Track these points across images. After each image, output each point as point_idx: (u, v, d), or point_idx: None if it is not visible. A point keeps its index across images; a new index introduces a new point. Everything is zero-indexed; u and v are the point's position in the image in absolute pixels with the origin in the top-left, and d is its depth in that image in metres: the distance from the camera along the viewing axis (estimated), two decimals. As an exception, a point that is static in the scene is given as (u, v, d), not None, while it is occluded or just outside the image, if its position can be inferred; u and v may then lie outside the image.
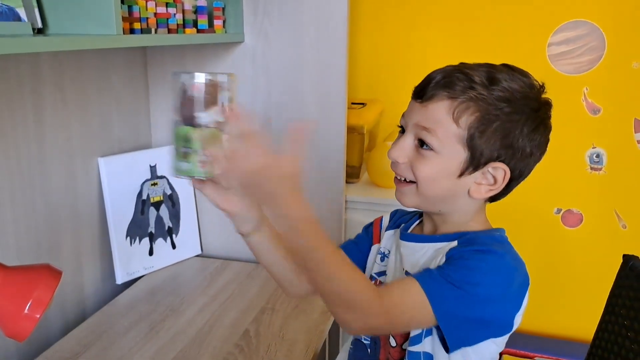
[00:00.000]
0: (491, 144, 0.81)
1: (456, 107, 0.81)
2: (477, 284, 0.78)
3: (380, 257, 0.99)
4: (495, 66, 0.85)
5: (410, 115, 0.85)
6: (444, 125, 0.81)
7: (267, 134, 0.72)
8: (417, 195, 0.86)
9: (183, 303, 1.49)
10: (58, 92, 1.34)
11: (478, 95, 0.80)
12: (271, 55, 1.58)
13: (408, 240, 0.93)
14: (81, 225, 1.46)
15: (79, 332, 1.35)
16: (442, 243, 0.86)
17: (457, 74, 0.82)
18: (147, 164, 1.61)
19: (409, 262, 0.90)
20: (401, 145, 0.85)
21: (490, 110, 0.80)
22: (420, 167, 0.83)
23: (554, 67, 1.98)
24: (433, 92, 0.82)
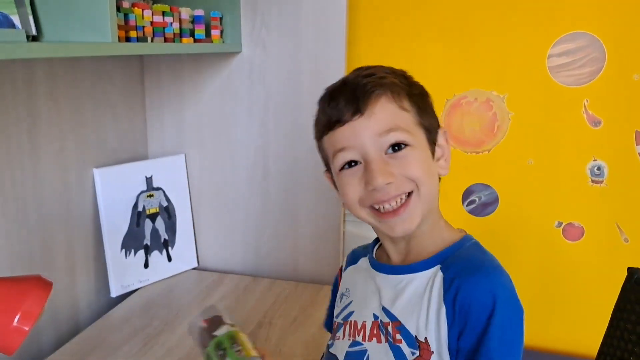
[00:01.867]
0: (430, 114, 0.82)
1: (393, 98, 0.79)
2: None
3: (341, 299, 0.92)
4: (355, 70, 0.85)
5: (358, 136, 0.77)
6: (398, 116, 0.78)
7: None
8: (420, 202, 0.78)
9: (178, 317, 1.46)
10: (52, 102, 1.32)
11: (391, 81, 0.80)
12: (269, 66, 1.57)
13: (382, 271, 0.85)
14: (75, 237, 1.44)
15: (72, 346, 1.32)
16: (424, 272, 0.79)
17: (361, 79, 0.80)
18: (142, 175, 1.59)
19: (388, 296, 0.81)
20: (379, 167, 0.76)
21: (406, 86, 0.81)
22: (413, 168, 0.77)
23: (554, 78, 1.97)
24: (363, 101, 0.77)
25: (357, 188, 0.79)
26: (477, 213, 2.11)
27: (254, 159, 1.64)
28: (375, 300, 0.83)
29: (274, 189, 1.65)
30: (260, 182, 1.66)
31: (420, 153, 0.79)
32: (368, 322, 0.82)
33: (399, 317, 0.78)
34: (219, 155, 1.67)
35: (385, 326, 0.79)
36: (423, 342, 0.75)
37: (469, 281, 0.74)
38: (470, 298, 0.72)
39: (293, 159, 1.61)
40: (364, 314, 0.83)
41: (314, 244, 1.65)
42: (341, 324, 0.87)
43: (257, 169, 1.65)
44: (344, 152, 0.79)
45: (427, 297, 0.76)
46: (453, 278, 0.75)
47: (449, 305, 0.73)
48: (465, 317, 0.72)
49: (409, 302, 0.78)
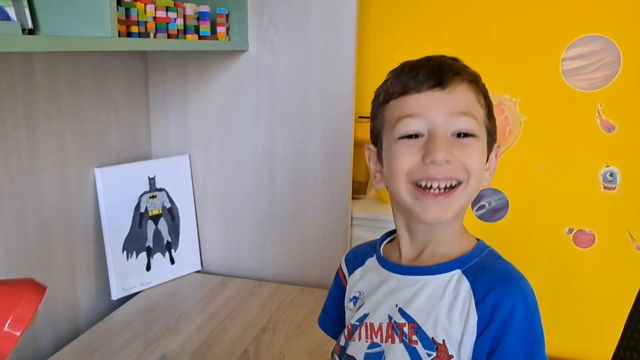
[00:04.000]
0: (493, 122, 0.81)
1: (474, 89, 0.78)
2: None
3: (353, 302, 0.88)
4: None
5: (431, 109, 0.75)
6: (474, 106, 0.77)
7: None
8: (464, 196, 0.76)
9: (180, 321, 1.42)
10: (52, 99, 1.29)
11: (473, 74, 0.79)
12: (276, 65, 1.53)
13: (397, 272, 0.82)
14: (75, 238, 1.40)
15: (70, 350, 1.29)
16: (443, 275, 0.77)
17: (445, 60, 0.79)
18: (145, 176, 1.56)
19: (403, 297, 0.79)
20: (443, 143, 0.73)
21: (483, 88, 0.80)
22: (472, 158, 0.75)
23: (567, 82, 1.93)
24: (448, 77, 0.75)
25: (412, 158, 0.75)
26: (486, 218, 2.07)
27: (260, 160, 1.61)
28: (390, 300, 0.80)
29: (280, 192, 1.61)
30: (267, 184, 1.62)
31: (481, 147, 0.77)
32: (384, 324, 0.80)
33: (415, 319, 0.76)
34: (225, 156, 1.64)
35: (401, 327, 0.77)
36: (441, 345, 0.73)
37: (509, 294, 0.72)
38: (511, 312, 0.71)
39: (300, 161, 1.57)
40: (379, 315, 0.81)
41: (321, 248, 1.61)
42: (357, 325, 0.84)
43: (263, 171, 1.61)
44: (411, 119, 0.75)
45: (448, 300, 0.75)
46: (489, 289, 0.72)
47: (484, 315, 0.72)
48: (504, 331, 0.71)
49: (426, 304, 0.76)
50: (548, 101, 1.96)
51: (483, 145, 0.78)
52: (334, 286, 0.96)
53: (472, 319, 0.72)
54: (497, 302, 0.71)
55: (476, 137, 0.76)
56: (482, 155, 0.77)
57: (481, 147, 0.77)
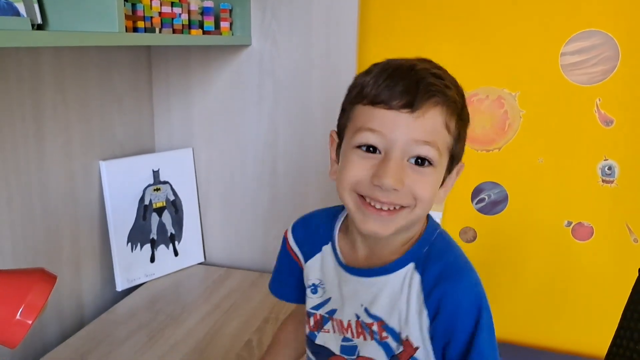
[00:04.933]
0: (461, 145, 0.78)
1: (446, 113, 0.73)
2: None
3: (311, 289, 0.88)
4: (420, 59, 0.78)
5: (394, 130, 0.71)
6: (440, 134, 0.73)
7: None
8: (405, 219, 0.75)
9: (184, 312, 1.45)
10: (59, 93, 1.31)
11: (451, 97, 0.74)
12: (279, 60, 1.55)
13: (355, 274, 0.82)
14: (81, 230, 1.43)
15: (76, 340, 1.31)
16: (398, 272, 0.78)
17: (428, 75, 0.73)
18: (149, 169, 1.58)
19: (366, 298, 0.80)
20: (396, 169, 0.71)
21: (459, 110, 0.75)
22: (423, 188, 0.73)
23: (566, 77, 1.95)
24: (420, 99, 0.71)
25: (362, 172, 0.73)
26: (486, 211, 2.09)
27: (263, 154, 1.63)
28: (354, 301, 0.82)
29: (282, 184, 1.64)
30: (269, 177, 1.64)
31: (436, 177, 0.75)
32: (352, 322, 0.82)
33: (381, 317, 0.79)
34: (227, 149, 1.66)
35: (369, 326, 0.80)
36: (405, 340, 0.77)
37: (452, 289, 0.74)
38: (456, 305, 0.74)
39: (302, 155, 1.59)
40: (347, 313, 0.83)
41: (321, 241, 1.64)
42: (326, 318, 0.86)
43: (265, 164, 1.63)
44: (372, 135, 0.73)
45: (405, 297, 0.77)
46: (434, 284, 0.75)
47: (432, 308, 0.75)
48: (453, 324, 0.74)
49: (388, 302, 0.79)
50: (547, 95, 1.97)
51: (439, 175, 0.75)
52: (284, 259, 0.95)
53: (424, 313, 0.75)
54: (442, 297, 0.74)
55: (433, 167, 0.73)
56: (435, 185, 0.75)
57: (436, 177, 0.75)
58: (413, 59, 0.78)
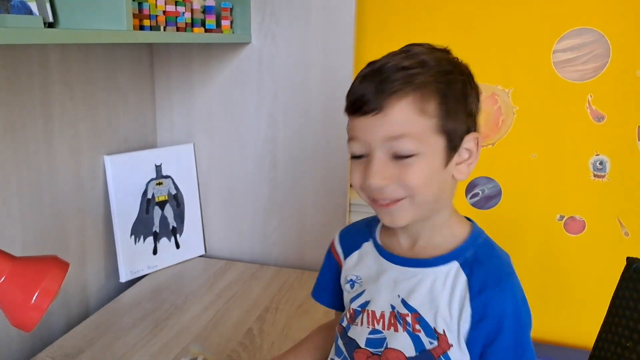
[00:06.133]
0: (459, 119, 0.78)
1: (415, 100, 0.75)
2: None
3: (349, 285, 0.92)
4: (405, 50, 0.81)
5: (368, 134, 0.77)
6: (414, 124, 0.76)
7: None
8: (413, 207, 0.79)
9: (187, 301, 1.49)
10: (66, 89, 1.35)
11: (425, 80, 0.76)
12: (278, 57, 1.60)
13: (396, 262, 0.85)
14: (86, 222, 1.47)
15: (83, 329, 1.35)
16: (441, 267, 0.81)
17: (393, 72, 0.76)
18: (152, 163, 1.62)
19: (404, 288, 0.83)
20: (377, 168, 0.76)
21: (442, 87, 0.76)
22: (411, 178, 0.76)
23: (558, 74, 1.99)
24: (381, 99, 0.75)
25: (359, 177, 0.80)
26: (480, 206, 2.14)
27: (262, 149, 1.67)
28: (391, 291, 0.84)
29: (281, 179, 1.68)
30: (268, 171, 1.68)
31: (427, 162, 0.77)
32: (386, 313, 0.84)
33: (418, 309, 0.81)
34: (228, 144, 1.70)
35: (404, 317, 0.82)
36: (442, 334, 0.79)
37: (499, 295, 0.78)
38: (502, 310, 0.78)
39: (301, 150, 1.64)
40: (381, 304, 0.85)
41: (320, 233, 1.68)
42: (359, 311, 0.88)
43: (265, 159, 1.68)
44: (354, 142, 0.79)
45: (447, 293, 0.80)
46: (481, 288, 0.78)
47: (477, 312, 0.78)
48: (499, 328, 0.78)
49: (427, 295, 0.81)
50: (540, 92, 2.02)
51: (430, 157, 0.77)
52: (327, 262, 1.00)
53: (467, 312, 0.78)
54: (489, 302, 0.78)
55: (417, 155, 0.76)
56: (427, 169, 0.77)
57: (425, 162, 0.76)
58: (397, 51, 0.82)
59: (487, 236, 0.85)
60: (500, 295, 0.78)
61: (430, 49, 0.82)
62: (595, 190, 2.04)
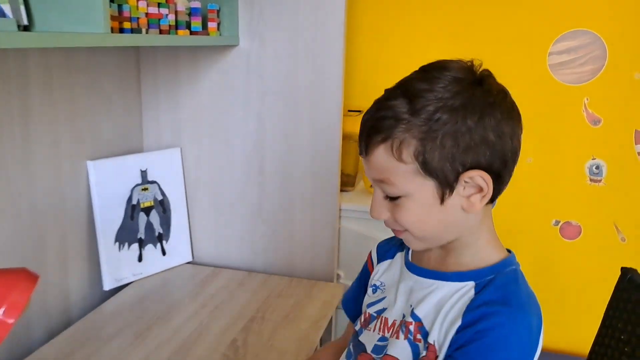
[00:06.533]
0: (448, 159, 0.74)
1: (392, 147, 0.75)
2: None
3: (373, 289, 0.94)
4: (411, 80, 0.78)
5: (366, 172, 0.82)
6: (392, 170, 0.76)
7: None
8: (417, 239, 0.82)
9: (171, 311, 1.45)
10: (46, 93, 1.31)
11: (407, 125, 0.74)
12: (266, 60, 1.56)
13: (415, 273, 0.86)
14: (68, 229, 1.43)
15: (62, 340, 1.32)
16: (456, 283, 0.80)
17: (380, 112, 0.77)
18: (137, 169, 1.58)
19: (417, 297, 0.83)
20: (376, 202, 0.81)
21: (426, 130, 0.73)
22: (401, 218, 0.79)
23: (554, 76, 1.96)
24: (367, 143, 0.78)
25: None
26: (474, 211, 2.10)
27: (250, 154, 1.63)
28: (405, 299, 0.85)
29: (269, 184, 1.64)
30: (256, 177, 1.65)
31: (416, 202, 0.77)
32: (397, 321, 0.84)
33: (422, 319, 0.80)
34: (215, 149, 1.66)
35: (408, 325, 0.81)
36: (432, 345, 0.78)
37: (499, 313, 0.74)
38: (494, 326, 0.73)
39: (289, 155, 1.60)
40: (395, 312, 0.85)
41: (310, 240, 1.64)
42: (374, 316, 0.89)
43: (253, 164, 1.64)
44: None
45: (449, 305, 0.78)
46: (483, 304, 0.76)
47: (467, 323, 0.75)
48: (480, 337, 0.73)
49: (434, 306, 0.80)
50: (535, 95, 1.99)
51: (420, 197, 0.76)
52: (362, 271, 1.02)
53: (457, 323, 0.76)
54: (485, 315, 0.74)
55: (405, 197, 0.77)
56: (418, 208, 0.77)
57: (413, 203, 0.77)
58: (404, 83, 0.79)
59: (519, 270, 0.82)
60: (500, 315, 0.74)
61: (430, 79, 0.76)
62: (591, 195, 2.01)
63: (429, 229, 0.79)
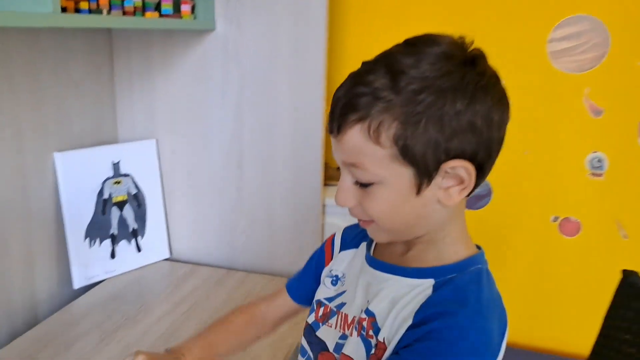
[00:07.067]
0: (431, 146, 0.66)
1: (369, 128, 0.66)
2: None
3: (332, 280, 0.86)
4: (394, 53, 0.69)
5: (335, 154, 0.73)
6: (366, 153, 0.67)
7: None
8: (384, 232, 0.74)
9: (141, 312, 1.37)
10: (5, 80, 1.23)
11: (388, 104, 0.65)
12: (244, 45, 1.47)
13: (374, 267, 0.79)
14: (33, 225, 1.35)
15: (23, 342, 1.25)
16: (414, 280, 0.72)
17: (357, 88, 0.67)
18: (109, 161, 1.50)
19: (373, 292, 0.76)
20: (343, 187, 0.72)
21: (408, 111, 0.65)
22: (370, 206, 0.71)
23: (553, 65, 1.86)
24: (340, 122, 0.68)
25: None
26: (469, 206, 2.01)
27: (229, 145, 1.55)
28: (364, 294, 0.78)
29: (248, 178, 1.56)
30: (235, 169, 1.56)
31: (390, 191, 0.69)
32: (357, 317, 0.77)
33: (376, 315, 0.74)
34: (192, 141, 1.57)
35: (361, 321, 0.75)
36: (381, 342, 0.72)
37: (453, 315, 0.67)
38: (442, 328, 0.66)
39: (269, 147, 1.51)
40: (354, 308, 0.79)
41: (292, 236, 1.56)
42: (334, 312, 0.82)
43: (231, 156, 1.55)
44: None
45: (404, 302, 0.71)
46: (438, 303, 0.69)
47: (418, 321, 0.68)
48: (428, 343, 0.66)
49: (387, 302, 0.73)
50: (533, 84, 1.89)
51: (394, 185, 0.68)
52: (317, 255, 0.95)
53: (408, 322, 0.69)
54: (437, 315, 0.67)
55: (377, 184, 0.69)
56: (389, 199, 0.69)
57: (386, 191, 0.69)
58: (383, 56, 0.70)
59: (485, 270, 0.74)
60: (450, 317, 0.66)
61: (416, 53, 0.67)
62: (592, 190, 1.91)
63: (399, 221, 0.71)
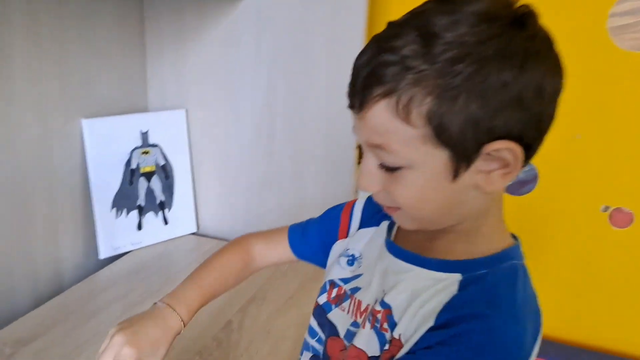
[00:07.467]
0: (471, 124, 0.56)
1: (397, 104, 0.57)
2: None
3: (348, 260, 0.79)
4: (426, 12, 0.57)
5: (356, 132, 0.63)
6: (394, 133, 0.58)
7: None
8: (413, 220, 0.66)
9: (166, 284, 1.34)
10: (32, 43, 1.19)
11: (419, 75, 0.55)
12: (278, 12, 1.40)
13: (395, 255, 0.71)
14: (59, 194, 1.33)
15: (48, 309, 1.23)
16: (438, 273, 0.65)
17: (383, 56, 0.57)
18: (138, 130, 1.46)
19: (390, 282, 0.69)
20: (366, 170, 0.64)
21: (444, 83, 0.55)
22: (397, 193, 0.62)
23: (614, 42, 1.73)
24: (362, 96, 0.58)
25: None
26: (512, 191, 1.91)
27: (260, 117, 1.49)
28: (379, 283, 0.71)
29: (279, 152, 1.50)
30: (265, 143, 1.50)
31: (420, 176, 0.60)
32: (370, 306, 0.71)
33: (393, 308, 0.67)
34: (222, 112, 1.52)
35: (375, 313, 0.68)
36: (396, 339, 0.64)
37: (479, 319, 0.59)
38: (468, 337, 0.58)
39: (302, 119, 1.45)
40: (368, 296, 0.72)
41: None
42: (348, 295, 0.75)
43: (262, 129, 1.50)
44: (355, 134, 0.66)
45: (425, 298, 0.64)
46: (465, 304, 0.61)
47: (441, 324, 0.60)
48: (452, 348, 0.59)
49: (407, 295, 0.66)
50: (590, 62, 1.76)
51: (423, 172, 0.60)
52: (331, 219, 0.88)
53: (429, 323, 0.61)
54: (464, 317, 0.59)
55: (406, 168, 0.60)
56: (417, 187, 0.61)
57: (416, 177, 0.60)
58: (414, 15, 0.59)
59: (521, 266, 0.65)
60: (479, 321, 0.58)
61: (451, 11, 0.56)
62: (648, 179, 1.79)
63: (429, 209, 0.63)
